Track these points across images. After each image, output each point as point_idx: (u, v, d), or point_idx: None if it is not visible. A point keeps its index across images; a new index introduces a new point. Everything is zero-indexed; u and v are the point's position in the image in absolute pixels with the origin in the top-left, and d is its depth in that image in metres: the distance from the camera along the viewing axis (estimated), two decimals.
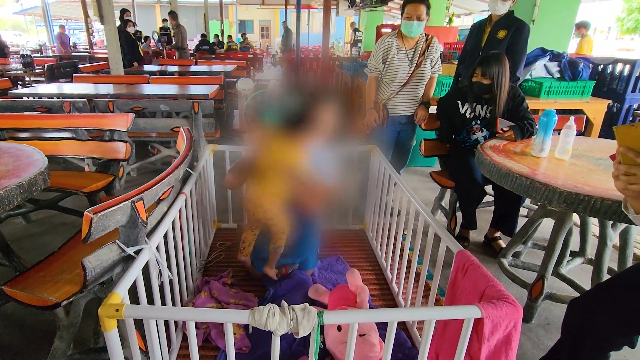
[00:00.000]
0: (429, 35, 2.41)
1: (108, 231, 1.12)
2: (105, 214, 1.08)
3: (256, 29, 20.36)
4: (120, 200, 1.14)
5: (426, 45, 2.37)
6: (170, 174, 1.41)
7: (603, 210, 1.29)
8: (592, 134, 3.08)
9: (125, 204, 1.14)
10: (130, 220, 1.19)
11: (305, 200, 1.58)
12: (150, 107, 3.17)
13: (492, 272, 2.10)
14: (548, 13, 3.86)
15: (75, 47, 11.31)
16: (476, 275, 1.09)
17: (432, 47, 2.40)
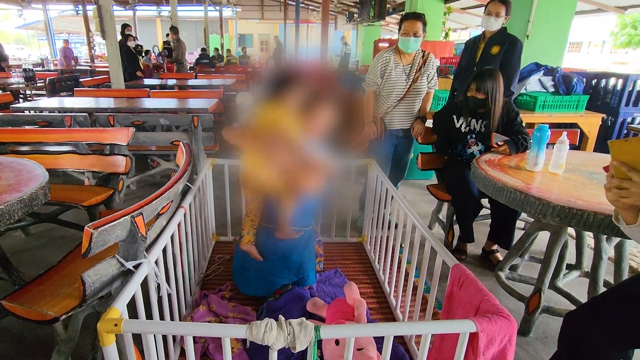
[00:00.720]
0: (426, 52, 2.46)
1: (108, 246, 1.14)
2: (105, 229, 1.09)
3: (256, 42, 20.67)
4: (120, 215, 1.16)
5: (423, 61, 2.42)
6: (169, 189, 1.43)
7: (596, 224, 1.31)
8: (587, 148, 3.12)
9: (125, 219, 1.16)
10: (129, 235, 1.20)
11: (302, 180, 1.48)
12: (151, 121, 3.20)
13: (489, 285, 2.14)
14: (541, 29, 3.96)
15: (77, 61, 11.45)
16: (471, 289, 1.10)
17: (429, 63, 2.45)
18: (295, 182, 1.44)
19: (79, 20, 15.53)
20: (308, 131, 1.40)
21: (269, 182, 1.41)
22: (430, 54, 2.46)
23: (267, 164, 1.39)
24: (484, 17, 2.56)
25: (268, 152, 1.38)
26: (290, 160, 1.40)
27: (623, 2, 5.78)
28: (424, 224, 1.53)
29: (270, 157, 1.38)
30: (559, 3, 3.85)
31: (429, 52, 2.47)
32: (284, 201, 1.54)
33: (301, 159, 1.40)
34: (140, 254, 1.25)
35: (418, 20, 2.28)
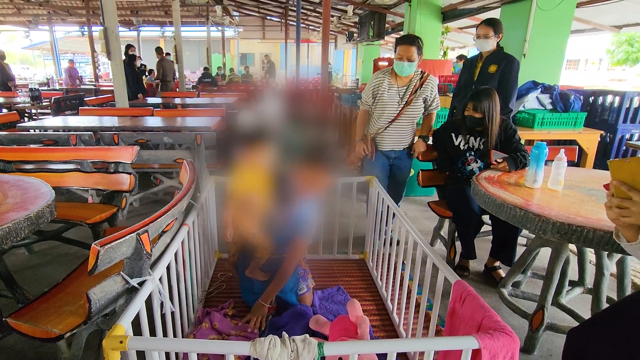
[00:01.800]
0: (425, 73, 2.42)
1: (114, 263, 1.16)
2: (111, 247, 1.12)
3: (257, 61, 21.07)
4: (126, 232, 1.18)
5: (420, 83, 2.38)
6: (174, 206, 1.46)
7: (596, 240, 1.33)
8: (586, 164, 3.16)
9: (131, 237, 1.19)
10: (135, 252, 1.22)
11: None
12: (154, 139, 3.26)
13: (492, 302, 2.14)
14: (538, 48, 4.06)
15: (82, 80, 11.68)
16: (473, 306, 1.11)
17: (427, 85, 2.40)
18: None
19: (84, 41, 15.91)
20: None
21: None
22: (429, 76, 2.42)
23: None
24: (475, 41, 2.65)
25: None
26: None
27: (618, 21, 5.93)
28: (426, 240, 1.55)
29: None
30: (554, 23, 3.97)
31: (428, 74, 2.42)
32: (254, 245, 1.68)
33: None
34: (145, 271, 1.26)
35: (412, 45, 2.27)
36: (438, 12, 6.91)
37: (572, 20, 4.14)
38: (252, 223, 1.64)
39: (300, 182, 1.59)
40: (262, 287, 1.82)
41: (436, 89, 2.45)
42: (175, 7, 8.18)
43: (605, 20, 6.01)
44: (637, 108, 3.52)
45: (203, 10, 12.43)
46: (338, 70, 19.59)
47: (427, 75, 2.42)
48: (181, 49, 8.46)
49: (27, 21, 12.50)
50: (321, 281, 2.21)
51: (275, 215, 1.60)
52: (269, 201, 1.56)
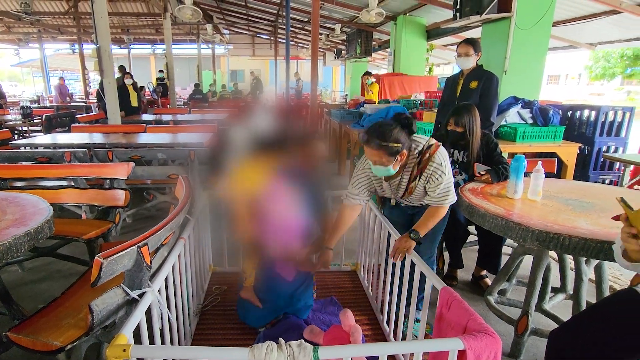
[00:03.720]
0: (426, 149, 1.65)
1: (115, 275, 1.20)
2: (114, 259, 1.17)
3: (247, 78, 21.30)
4: (127, 245, 1.23)
5: (419, 169, 1.67)
6: (172, 220, 1.51)
7: (572, 246, 1.42)
8: (567, 175, 3.29)
9: (132, 249, 1.24)
10: (135, 265, 1.27)
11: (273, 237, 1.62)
12: (148, 156, 3.30)
13: (479, 310, 2.21)
14: (518, 64, 4.25)
15: (72, 97, 11.66)
16: (459, 310, 1.18)
17: (429, 168, 1.65)
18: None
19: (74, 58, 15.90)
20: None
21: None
22: (433, 157, 1.64)
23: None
24: (457, 59, 2.79)
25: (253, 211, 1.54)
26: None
27: (592, 39, 6.24)
28: (414, 251, 1.62)
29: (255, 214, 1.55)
30: (533, 40, 4.16)
31: (430, 154, 1.64)
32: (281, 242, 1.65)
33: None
34: (144, 284, 1.31)
35: (378, 149, 1.58)
36: (422, 31, 7.18)
37: (549, 38, 4.36)
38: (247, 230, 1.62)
39: (298, 163, 1.62)
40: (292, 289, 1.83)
41: (444, 176, 1.64)
42: (167, 25, 8.31)
43: (581, 38, 6.32)
44: (612, 122, 3.70)
45: (194, 28, 12.62)
46: (327, 86, 19.92)
47: (429, 157, 1.64)
48: (172, 66, 8.55)
49: (17, 39, 12.50)
50: None
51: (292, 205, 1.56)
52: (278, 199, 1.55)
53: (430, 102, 4.84)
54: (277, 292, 1.86)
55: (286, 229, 1.59)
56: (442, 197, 1.68)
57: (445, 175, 1.64)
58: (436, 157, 1.64)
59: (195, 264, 1.96)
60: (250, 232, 1.61)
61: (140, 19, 12.00)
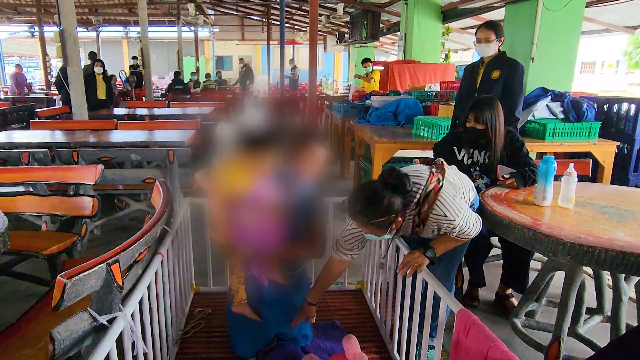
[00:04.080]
0: (423, 197, 1.60)
1: (81, 297, 1.20)
2: (79, 279, 1.16)
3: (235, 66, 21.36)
4: (95, 262, 1.23)
5: (420, 219, 1.63)
6: (147, 233, 1.52)
7: (608, 262, 1.42)
8: (603, 179, 3.30)
9: (101, 267, 1.23)
10: (104, 285, 1.27)
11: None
12: (120, 157, 3.30)
13: (504, 335, 2.21)
14: (547, 51, 4.28)
15: (30, 88, 11.67)
16: (479, 336, 1.18)
17: (433, 221, 1.62)
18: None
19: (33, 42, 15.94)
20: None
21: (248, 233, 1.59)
22: (431, 207, 1.59)
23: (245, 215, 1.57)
24: (476, 45, 2.81)
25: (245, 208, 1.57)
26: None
27: (631, 21, 6.28)
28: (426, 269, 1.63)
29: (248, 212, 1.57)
30: (563, 23, 4.19)
31: (428, 205, 1.60)
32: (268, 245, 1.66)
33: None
34: (115, 307, 1.30)
35: (366, 225, 1.55)
36: (438, 12, 7.21)
37: (582, 21, 4.39)
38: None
39: (293, 164, 1.67)
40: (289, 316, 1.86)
41: (455, 222, 1.59)
42: (142, 4, 8.33)
43: (618, 20, 6.36)
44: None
45: (173, 8, 12.66)
46: (328, 75, 19.99)
47: (429, 209, 1.60)
48: (148, 52, 8.58)
49: None
50: None
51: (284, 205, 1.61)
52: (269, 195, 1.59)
53: (447, 94, 4.86)
54: (268, 302, 1.84)
55: (264, 235, 1.62)
56: (461, 235, 1.65)
57: (454, 221, 1.58)
58: (436, 208, 1.58)
59: (175, 283, 1.96)
60: (226, 236, 1.64)
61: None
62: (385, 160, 3.40)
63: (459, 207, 1.59)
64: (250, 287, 1.77)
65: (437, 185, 1.60)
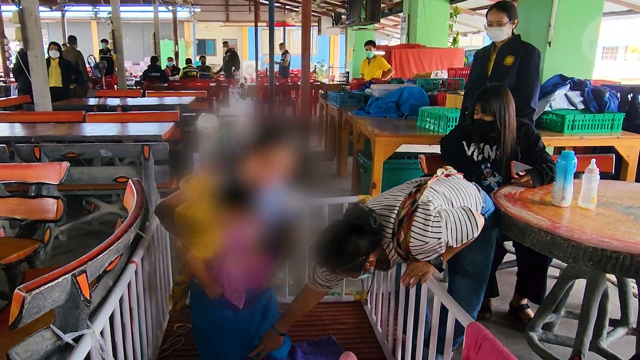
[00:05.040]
0: (397, 227, 1.59)
1: (43, 313, 1.18)
2: (40, 292, 1.15)
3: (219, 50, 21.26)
4: (58, 273, 1.21)
5: (404, 252, 1.61)
6: (118, 239, 1.50)
7: (634, 268, 1.43)
8: (627, 176, 3.32)
9: (65, 279, 1.22)
10: (69, 299, 1.25)
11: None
12: (88, 153, 3.27)
13: (519, 350, 2.22)
14: (565, 34, 4.28)
15: None
16: (491, 352, 1.18)
17: (416, 252, 1.60)
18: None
19: None
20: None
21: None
22: (407, 236, 1.57)
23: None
24: (487, 28, 2.81)
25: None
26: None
27: None
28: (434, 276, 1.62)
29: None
30: (583, 4, 4.20)
31: (404, 235, 1.57)
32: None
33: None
34: (82, 323, 1.29)
35: (335, 273, 1.65)
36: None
37: (604, 1, 4.40)
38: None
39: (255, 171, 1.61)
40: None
41: (442, 241, 1.57)
42: None
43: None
44: None
45: None
46: (323, 60, 19.96)
47: (406, 238, 1.57)
48: (120, 34, 8.52)
49: None
50: (307, 331, 2.24)
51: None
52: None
53: (455, 82, 4.86)
54: (231, 327, 1.86)
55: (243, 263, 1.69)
56: (461, 241, 1.62)
57: (439, 240, 1.55)
58: (413, 237, 1.55)
59: (151, 295, 1.94)
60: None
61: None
62: (387, 156, 3.39)
63: (436, 225, 1.54)
64: (214, 311, 1.80)
65: (410, 209, 1.58)
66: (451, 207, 1.67)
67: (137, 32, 20.93)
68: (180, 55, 15.28)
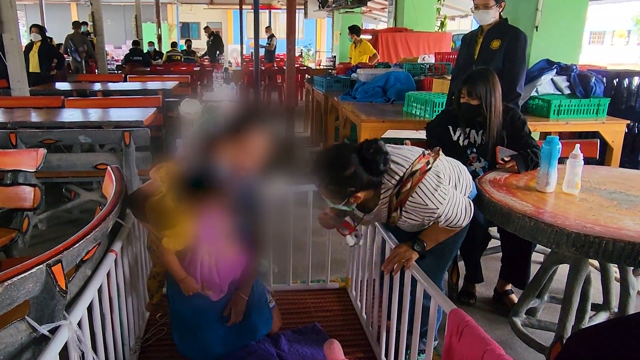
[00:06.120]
0: (407, 175, 1.59)
1: (17, 304, 1.16)
2: (13, 283, 1.12)
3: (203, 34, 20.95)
4: (32, 264, 1.19)
5: (397, 202, 1.62)
6: (96, 228, 1.47)
7: (616, 254, 1.44)
8: (612, 161, 3.36)
9: (39, 269, 1.19)
10: (44, 290, 1.23)
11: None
12: (67, 139, 3.21)
13: (503, 335, 2.25)
14: (552, 18, 4.28)
15: None
16: (473, 339, 1.19)
17: (412, 206, 1.60)
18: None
19: None
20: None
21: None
22: (413, 189, 1.58)
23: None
24: (474, 11, 2.80)
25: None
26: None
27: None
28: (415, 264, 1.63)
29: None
30: None
31: (412, 185, 1.58)
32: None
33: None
34: (58, 314, 1.27)
35: (321, 187, 1.61)
36: None
37: None
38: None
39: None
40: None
41: (438, 210, 1.59)
42: None
43: None
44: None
45: None
46: (309, 44, 19.79)
47: (411, 189, 1.58)
48: (101, 16, 8.34)
49: None
50: (291, 318, 2.25)
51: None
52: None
53: (442, 67, 4.86)
54: (214, 318, 1.87)
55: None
56: (450, 224, 1.65)
57: (437, 209, 1.58)
58: (418, 193, 1.56)
59: (132, 284, 1.92)
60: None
61: None
62: None
63: (443, 194, 1.59)
64: (192, 300, 1.79)
65: (425, 167, 1.60)
66: (454, 188, 1.70)
67: (119, 14, 20.49)
68: (164, 38, 15.01)
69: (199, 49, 15.13)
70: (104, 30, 8.57)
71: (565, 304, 1.83)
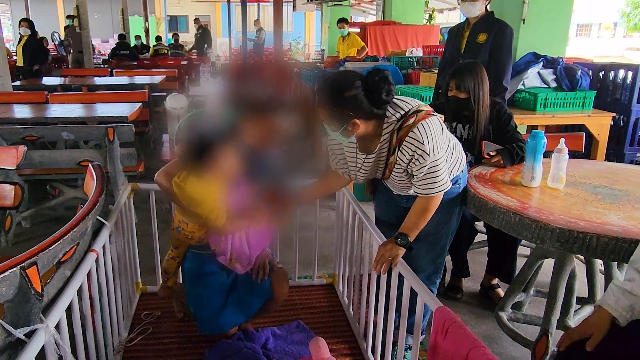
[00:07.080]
0: (412, 112, 1.60)
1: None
2: None
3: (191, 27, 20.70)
4: (5, 267, 1.15)
5: (397, 139, 1.61)
6: (74, 228, 1.43)
7: (600, 249, 1.44)
8: (597, 154, 3.37)
9: (13, 272, 1.16)
10: (19, 293, 1.20)
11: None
12: (49, 136, 3.15)
13: (489, 329, 2.25)
14: (539, 11, 4.27)
15: None
16: (458, 337, 1.18)
17: (409, 143, 1.57)
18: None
19: None
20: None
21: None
22: (415, 125, 1.57)
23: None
24: (460, 4, 2.78)
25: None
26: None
27: None
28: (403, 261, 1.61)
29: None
30: None
31: (414, 121, 1.57)
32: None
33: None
34: (34, 318, 1.24)
35: (321, 107, 1.59)
36: None
37: None
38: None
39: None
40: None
41: (428, 157, 1.56)
42: None
43: None
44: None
45: None
46: (298, 38, 19.62)
47: (413, 125, 1.57)
48: (86, 9, 8.21)
49: None
50: (278, 315, 2.22)
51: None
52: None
53: (430, 60, 4.84)
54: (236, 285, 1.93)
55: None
56: (427, 186, 1.62)
57: (428, 156, 1.55)
58: (419, 128, 1.55)
59: (115, 284, 1.89)
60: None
61: None
62: None
63: (439, 145, 1.59)
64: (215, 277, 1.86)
65: (428, 112, 1.62)
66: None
67: (106, 7, 20.18)
68: (151, 32, 14.81)
69: (187, 43, 14.94)
70: (91, 24, 8.44)
71: (550, 299, 1.83)
